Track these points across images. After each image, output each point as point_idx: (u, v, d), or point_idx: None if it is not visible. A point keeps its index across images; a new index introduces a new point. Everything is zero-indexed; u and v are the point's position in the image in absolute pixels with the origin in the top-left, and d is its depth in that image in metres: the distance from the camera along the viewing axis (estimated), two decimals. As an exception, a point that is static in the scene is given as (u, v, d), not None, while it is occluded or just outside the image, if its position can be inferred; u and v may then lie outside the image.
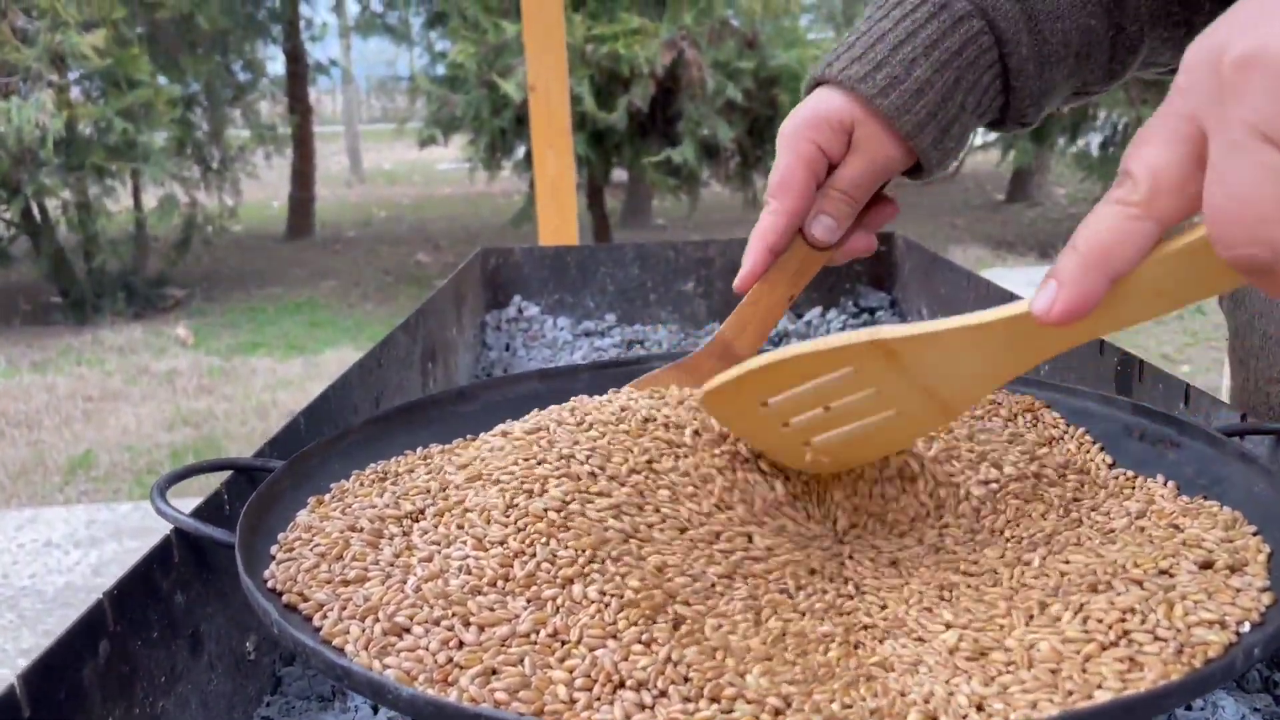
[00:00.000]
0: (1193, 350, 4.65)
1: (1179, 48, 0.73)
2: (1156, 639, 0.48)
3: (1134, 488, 0.64)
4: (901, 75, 0.65)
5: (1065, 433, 0.71)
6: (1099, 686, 0.45)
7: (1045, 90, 0.70)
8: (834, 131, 0.67)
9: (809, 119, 0.67)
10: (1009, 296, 1.19)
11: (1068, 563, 0.56)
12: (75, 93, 6.08)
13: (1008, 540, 0.60)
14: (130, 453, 3.84)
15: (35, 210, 6.27)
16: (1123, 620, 0.50)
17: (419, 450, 0.72)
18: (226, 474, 0.73)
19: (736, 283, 0.69)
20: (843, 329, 1.62)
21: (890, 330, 0.52)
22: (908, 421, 0.57)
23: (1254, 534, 0.57)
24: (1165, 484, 0.64)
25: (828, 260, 0.71)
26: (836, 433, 0.58)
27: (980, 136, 9.15)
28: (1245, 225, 0.37)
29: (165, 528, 0.63)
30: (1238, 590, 0.52)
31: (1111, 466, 0.67)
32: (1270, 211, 0.36)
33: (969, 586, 0.55)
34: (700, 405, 0.62)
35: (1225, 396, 1.00)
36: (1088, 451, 0.69)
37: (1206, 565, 0.55)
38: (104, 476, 3.64)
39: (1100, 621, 0.50)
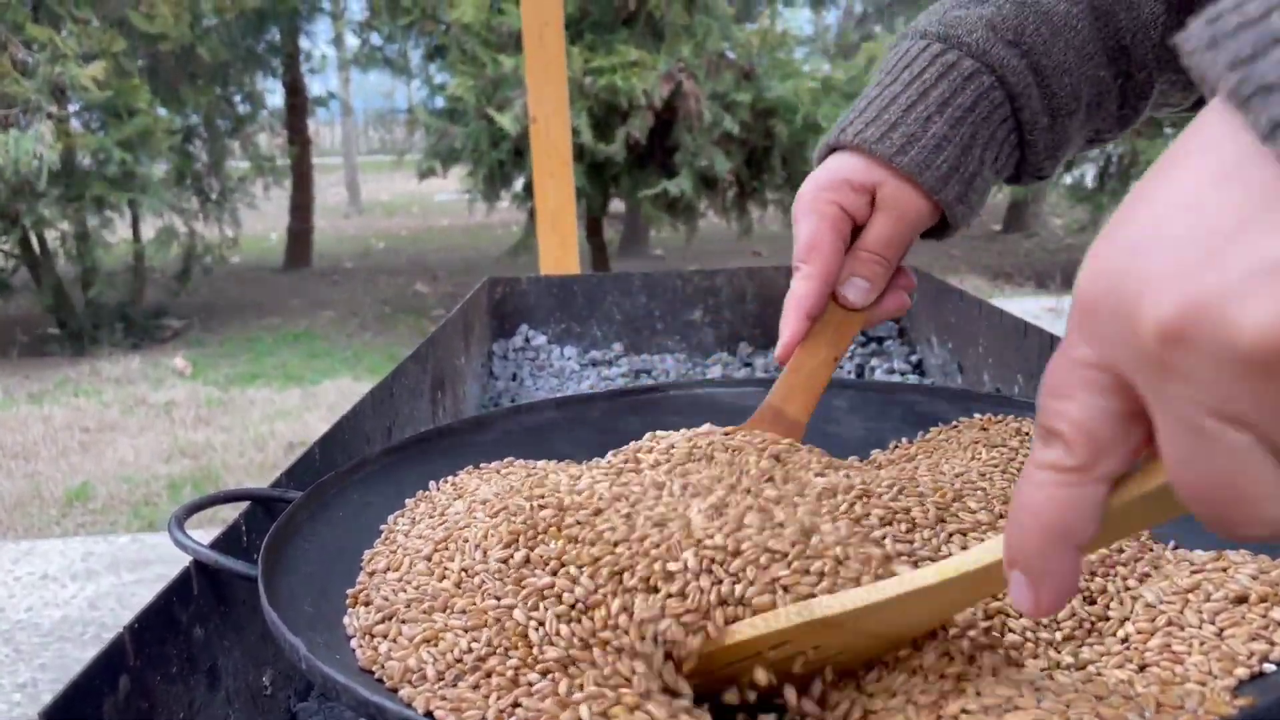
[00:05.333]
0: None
1: (1189, 87, 0.73)
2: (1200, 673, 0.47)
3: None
4: (918, 133, 0.65)
5: None
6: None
7: (1059, 142, 0.70)
8: (855, 193, 0.66)
9: (827, 182, 0.66)
10: (1023, 325, 1.19)
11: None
12: (75, 124, 6.11)
13: None
14: (128, 484, 3.82)
15: (34, 241, 6.28)
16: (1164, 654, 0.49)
17: None
18: (241, 504, 0.72)
19: (778, 352, 0.67)
20: (850, 357, 1.62)
21: (828, 603, 0.48)
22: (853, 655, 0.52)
23: (1290, 565, 0.56)
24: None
25: (864, 323, 0.70)
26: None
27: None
28: (1238, 510, 0.31)
29: (163, 560, 0.62)
30: (1278, 624, 0.51)
31: None
32: (1260, 491, 0.30)
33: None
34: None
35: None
36: None
37: (1240, 600, 0.54)
38: (101, 508, 3.61)
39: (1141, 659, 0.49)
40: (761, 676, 0.49)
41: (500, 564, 0.56)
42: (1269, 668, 0.48)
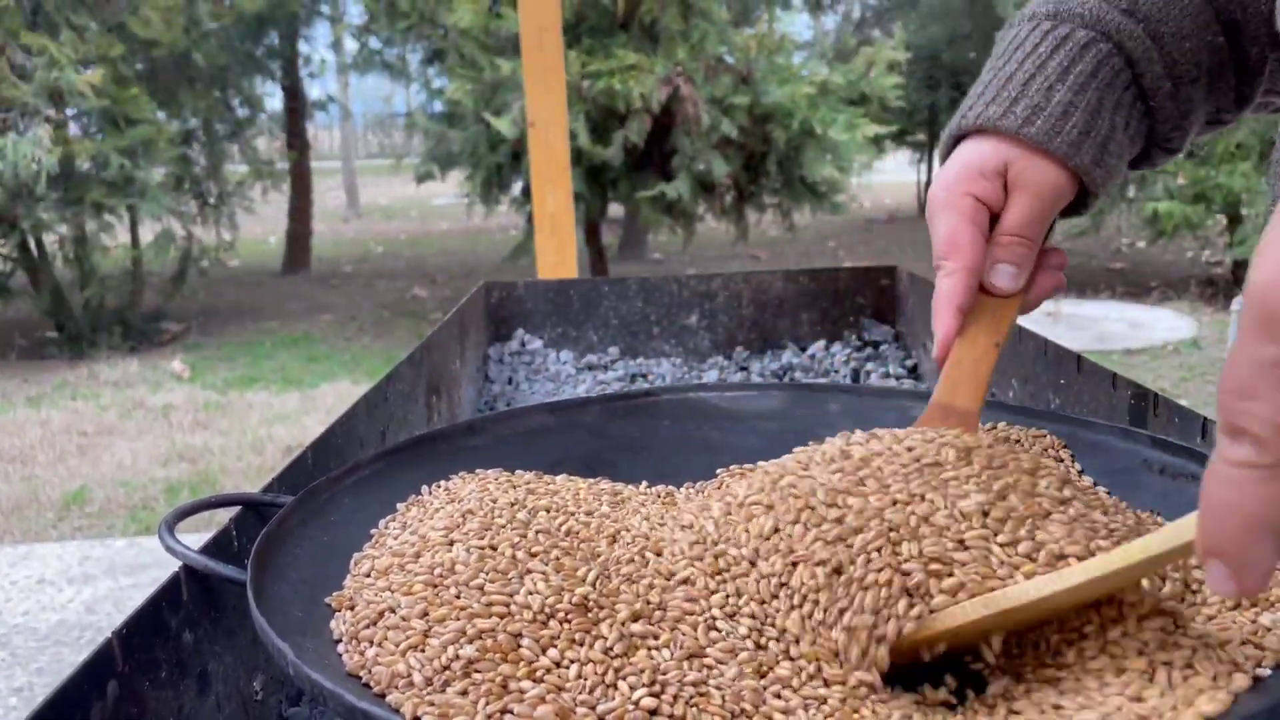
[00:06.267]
0: (1189, 384, 4.65)
1: None
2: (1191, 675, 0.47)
3: None
4: (1042, 103, 0.64)
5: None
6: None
7: (1185, 111, 0.69)
8: (988, 179, 0.65)
9: (959, 174, 0.65)
10: (1017, 330, 1.19)
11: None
12: (74, 129, 6.10)
13: None
14: (125, 488, 3.81)
15: (32, 245, 6.27)
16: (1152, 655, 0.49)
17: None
18: (233, 509, 0.72)
19: (935, 352, 0.65)
20: (846, 361, 1.62)
21: (1014, 594, 0.49)
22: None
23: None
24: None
25: (1023, 307, 0.68)
26: None
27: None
28: None
29: (159, 564, 0.62)
30: (1267, 629, 0.51)
31: None
32: None
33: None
34: None
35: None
36: None
37: (1234, 605, 0.54)
38: (98, 512, 3.61)
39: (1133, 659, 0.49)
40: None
41: (493, 570, 0.55)
42: (1261, 672, 0.48)
